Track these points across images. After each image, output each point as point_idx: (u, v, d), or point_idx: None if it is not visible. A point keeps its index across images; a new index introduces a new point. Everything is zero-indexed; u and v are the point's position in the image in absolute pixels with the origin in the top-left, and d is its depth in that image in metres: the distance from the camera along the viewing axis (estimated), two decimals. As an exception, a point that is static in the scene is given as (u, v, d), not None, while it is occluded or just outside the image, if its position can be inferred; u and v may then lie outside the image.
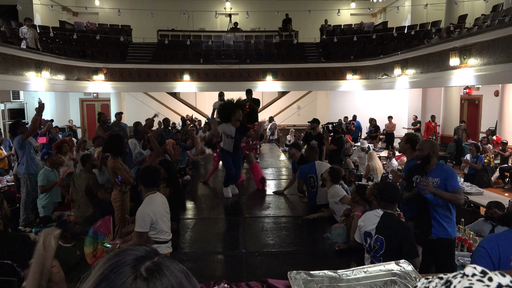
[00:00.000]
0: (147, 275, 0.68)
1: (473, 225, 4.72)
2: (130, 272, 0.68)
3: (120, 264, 0.69)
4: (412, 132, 5.67)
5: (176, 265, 0.73)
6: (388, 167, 8.63)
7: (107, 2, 18.97)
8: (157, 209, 3.31)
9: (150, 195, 3.36)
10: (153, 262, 0.71)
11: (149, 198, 3.34)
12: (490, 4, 13.27)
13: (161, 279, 0.68)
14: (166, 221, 3.42)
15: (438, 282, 0.78)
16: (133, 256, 0.71)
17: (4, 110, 13.24)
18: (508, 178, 9.44)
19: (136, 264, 0.69)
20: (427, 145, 3.48)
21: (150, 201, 3.32)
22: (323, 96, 17.58)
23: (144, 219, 3.20)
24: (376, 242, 2.89)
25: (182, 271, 0.73)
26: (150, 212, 3.24)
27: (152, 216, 3.23)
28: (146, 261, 0.70)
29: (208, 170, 7.28)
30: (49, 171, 5.54)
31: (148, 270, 0.68)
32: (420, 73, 11.65)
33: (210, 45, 16.04)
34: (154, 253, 0.74)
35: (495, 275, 0.73)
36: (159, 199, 3.43)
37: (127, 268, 0.68)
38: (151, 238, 3.29)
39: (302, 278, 1.98)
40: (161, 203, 3.41)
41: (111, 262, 0.70)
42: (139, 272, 0.68)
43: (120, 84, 14.55)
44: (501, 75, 8.48)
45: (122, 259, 0.70)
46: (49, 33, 14.47)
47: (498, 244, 2.26)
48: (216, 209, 5.28)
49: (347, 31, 16.76)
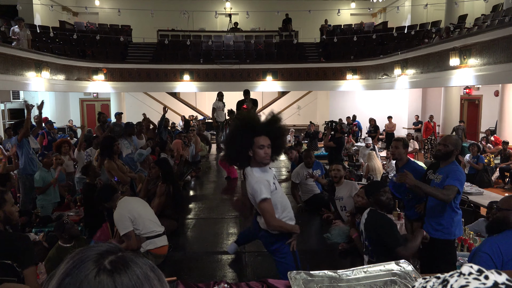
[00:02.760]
0: (111, 268, 0.67)
1: (473, 225, 4.72)
2: (93, 266, 0.67)
3: (83, 259, 0.68)
4: (402, 137, 5.65)
5: (141, 258, 0.72)
6: (388, 167, 8.62)
7: (107, 2, 18.97)
8: (131, 207, 3.42)
9: (120, 199, 3.49)
10: (117, 256, 0.70)
11: (120, 203, 3.45)
12: (490, 4, 13.27)
13: (126, 270, 0.67)
14: (148, 215, 3.50)
15: (435, 282, 0.79)
16: (96, 251, 0.70)
17: (4, 110, 13.24)
18: (508, 178, 9.44)
19: (99, 258, 0.68)
20: (453, 142, 3.31)
21: (121, 204, 3.43)
22: (323, 96, 17.58)
23: (123, 221, 3.31)
24: (366, 240, 2.92)
25: (146, 263, 0.72)
26: (125, 211, 3.35)
27: (129, 215, 3.33)
28: (109, 255, 0.69)
29: (208, 170, 7.29)
30: (44, 172, 5.53)
31: (112, 263, 0.68)
32: (420, 73, 11.64)
33: (210, 45, 16.04)
34: (118, 248, 0.73)
35: (491, 274, 0.74)
36: (130, 199, 3.60)
37: (89, 262, 0.67)
38: (141, 235, 3.35)
39: (302, 278, 1.98)
40: (133, 201, 3.55)
41: (74, 259, 0.69)
42: (102, 265, 0.67)
43: (120, 84, 14.55)
44: (501, 75, 8.47)
45: (84, 255, 0.69)
46: (49, 33, 14.46)
47: (500, 247, 2.25)
48: (216, 209, 5.29)
49: (347, 31, 16.76)
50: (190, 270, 3.45)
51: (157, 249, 3.42)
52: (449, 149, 3.29)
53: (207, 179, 7.20)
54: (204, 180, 7.14)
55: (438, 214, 3.31)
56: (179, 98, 17.65)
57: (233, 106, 9.04)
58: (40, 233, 4.61)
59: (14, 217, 2.66)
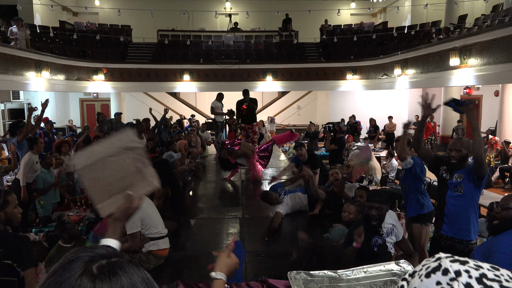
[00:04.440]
0: (97, 272, 0.65)
1: (473, 225, 4.71)
2: (78, 268, 0.65)
3: (74, 259, 0.67)
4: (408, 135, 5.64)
5: (136, 269, 0.69)
6: (388, 167, 8.63)
7: (107, 2, 18.97)
8: (143, 206, 3.35)
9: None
10: (109, 261, 0.67)
11: None
12: (490, 4, 13.28)
13: (110, 278, 0.64)
14: (155, 216, 3.45)
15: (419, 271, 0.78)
16: (91, 253, 0.68)
17: (4, 110, 13.24)
18: (508, 178, 9.44)
19: (90, 261, 0.66)
20: (465, 145, 3.21)
21: None
22: (323, 96, 17.58)
23: (132, 220, 3.22)
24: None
25: (140, 275, 0.68)
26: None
27: (140, 214, 3.27)
28: (101, 260, 0.67)
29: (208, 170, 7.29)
30: (45, 173, 5.51)
31: (99, 268, 0.66)
32: (420, 73, 11.64)
33: (210, 45, 16.04)
34: (115, 253, 0.71)
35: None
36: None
37: (78, 263, 0.66)
38: (145, 235, 3.32)
39: (302, 278, 1.98)
40: (145, 201, 3.45)
41: (65, 259, 0.68)
42: (88, 269, 0.65)
43: (120, 84, 14.55)
44: (501, 75, 8.47)
45: (76, 256, 0.68)
46: (49, 33, 14.46)
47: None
48: (216, 209, 5.28)
49: (347, 31, 16.76)
50: (190, 270, 3.45)
51: (159, 250, 3.41)
52: (463, 154, 3.23)
53: (207, 179, 7.19)
54: (204, 180, 7.13)
55: (460, 214, 3.14)
56: (179, 98, 17.65)
57: (233, 106, 9.05)
58: (40, 233, 4.61)
59: (16, 218, 2.62)
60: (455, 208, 3.15)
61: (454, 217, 3.16)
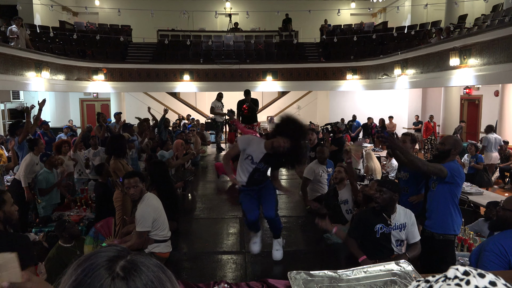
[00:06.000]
0: (124, 274, 0.66)
1: (473, 225, 4.73)
2: (106, 273, 0.66)
3: (93, 267, 0.67)
4: (410, 132, 5.64)
5: (150, 260, 0.71)
6: (388, 167, 8.63)
7: (107, 2, 18.97)
8: (157, 207, 3.33)
9: (145, 194, 3.36)
10: (127, 260, 0.69)
11: (148, 198, 3.34)
12: (490, 4, 13.27)
13: (139, 276, 0.66)
14: (164, 219, 3.43)
15: (424, 286, 0.79)
16: (106, 257, 0.69)
17: (4, 110, 13.24)
18: (508, 178, 9.43)
19: (111, 265, 0.67)
20: (451, 141, 3.42)
21: (150, 201, 3.32)
22: (323, 96, 17.57)
23: (146, 219, 3.19)
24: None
25: (156, 265, 0.71)
26: (151, 209, 3.23)
27: (154, 214, 3.23)
28: (119, 261, 0.68)
29: (208, 170, 7.29)
30: (48, 173, 5.51)
31: (124, 269, 0.67)
32: (420, 73, 11.64)
33: (210, 45, 16.03)
34: (126, 251, 0.72)
35: (474, 278, 0.75)
36: (154, 197, 3.46)
37: (101, 270, 0.66)
38: (151, 236, 3.29)
39: (302, 278, 1.98)
40: (156, 201, 3.44)
41: (84, 267, 0.68)
42: (115, 272, 0.66)
43: (120, 84, 14.55)
44: (501, 75, 8.47)
45: (94, 262, 0.68)
46: (49, 33, 14.46)
47: (503, 245, 2.28)
48: (216, 209, 5.28)
49: (347, 31, 16.76)
50: (190, 270, 3.45)
51: (161, 253, 3.40)
52: (445, 148, 3.35)
53: (207, 179, 7.20)
54: (204, 180, 7.13)
55: (438, 209, 3.35)
56: (179, 98, 17.65)
57: (233, 106, 9.05)
58: (40, 233, 4.61)
59: (14, 216, 2.67)
60: (430, 204, 3.43)
61: (430, 212, 3.43)
